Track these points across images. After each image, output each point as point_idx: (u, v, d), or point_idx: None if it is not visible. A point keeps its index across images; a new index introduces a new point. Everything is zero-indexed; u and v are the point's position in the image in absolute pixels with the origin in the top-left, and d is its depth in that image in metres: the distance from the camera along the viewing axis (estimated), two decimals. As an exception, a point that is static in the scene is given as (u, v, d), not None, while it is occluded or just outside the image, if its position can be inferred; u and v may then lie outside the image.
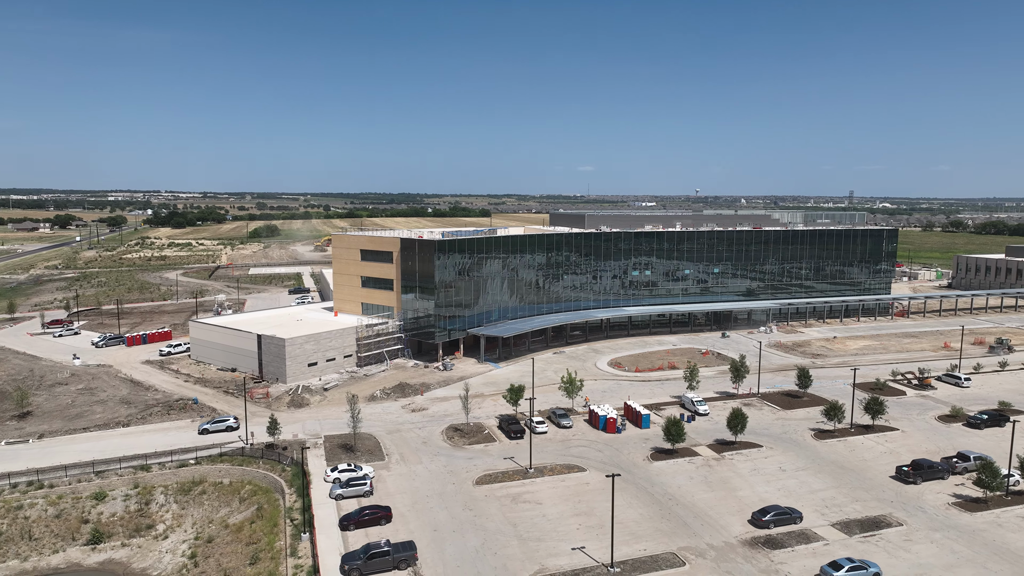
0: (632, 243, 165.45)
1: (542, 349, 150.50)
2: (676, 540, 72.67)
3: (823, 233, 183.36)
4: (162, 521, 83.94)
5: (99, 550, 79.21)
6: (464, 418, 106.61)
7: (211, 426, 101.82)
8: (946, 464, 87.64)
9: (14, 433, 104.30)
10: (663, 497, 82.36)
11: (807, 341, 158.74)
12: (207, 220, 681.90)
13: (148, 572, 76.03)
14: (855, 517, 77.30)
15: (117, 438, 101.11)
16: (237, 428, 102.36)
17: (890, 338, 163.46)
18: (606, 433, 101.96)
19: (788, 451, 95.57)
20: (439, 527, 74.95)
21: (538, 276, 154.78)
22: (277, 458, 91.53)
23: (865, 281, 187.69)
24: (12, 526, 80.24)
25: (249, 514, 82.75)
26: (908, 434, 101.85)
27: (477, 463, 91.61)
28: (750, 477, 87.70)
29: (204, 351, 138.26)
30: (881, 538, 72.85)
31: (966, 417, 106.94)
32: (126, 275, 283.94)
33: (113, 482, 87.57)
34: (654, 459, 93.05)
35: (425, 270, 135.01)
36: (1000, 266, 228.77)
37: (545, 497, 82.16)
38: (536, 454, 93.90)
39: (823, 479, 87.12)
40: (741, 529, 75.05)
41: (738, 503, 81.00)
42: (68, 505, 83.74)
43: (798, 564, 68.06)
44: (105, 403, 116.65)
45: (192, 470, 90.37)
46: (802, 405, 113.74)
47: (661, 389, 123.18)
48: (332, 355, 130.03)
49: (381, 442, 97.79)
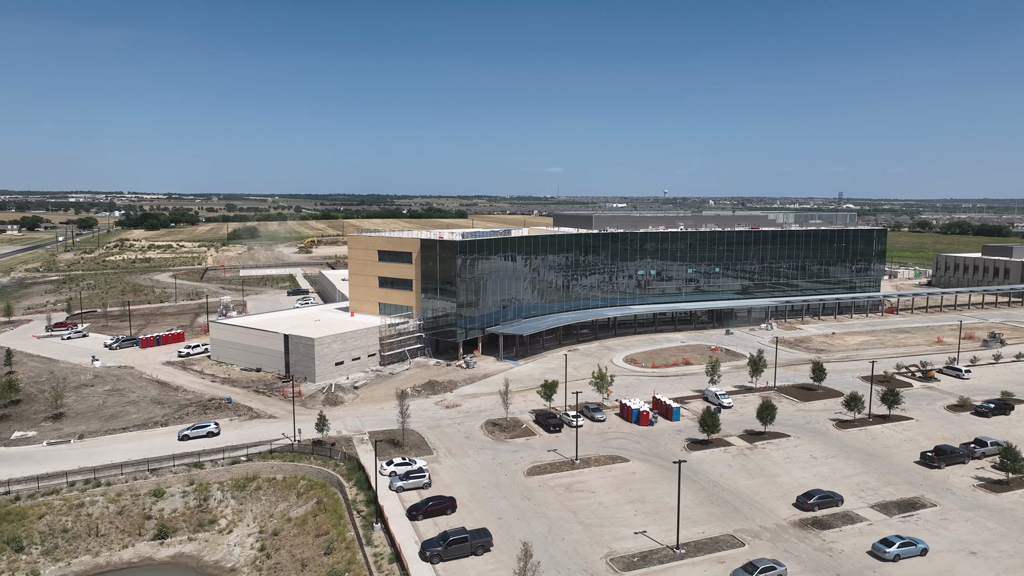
0: (643, 244, 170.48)
1: (555, 347, 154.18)
2: (730, 523, 76.84)
3: (817, 233, 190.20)
4: (223, 516, 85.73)
5: (167, 545, 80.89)
6: (499, 413, 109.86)
7: (191, 431, 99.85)
8: (966, 450, 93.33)
9: (52, 434, 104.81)
10: (708, 484, 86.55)
11: (808, 337, 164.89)
12: (180, 222, 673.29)
13: (221, 564, 78.01)
14: (891, 499, 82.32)
15: (158, 437, 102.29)
16: (218, 434, 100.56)
17: (885, 334, 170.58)
18: (639, 426, 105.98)
19: (815, 440, 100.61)
20: (503, 515, 78.10)
21: (553, 276, 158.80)
22: (328, 454, 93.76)
23: (856, 279, 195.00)
24: (77, 523, 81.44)
25: (310, 507, 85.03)
26: (922, 423, 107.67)
27: (523, 455, 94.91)
28: (785, 464, 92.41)
29: (225, 352, 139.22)
30: (919, 518, 77.91)
31: (973, 406, 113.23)
32: (113, 277, 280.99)
33: (169, 479, 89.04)
34: (691, 449, 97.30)
35: (447, 270, 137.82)
36: (978, 264, 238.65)
37: (597, 486, 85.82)
38: (571, 446, 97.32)
39: (853, 465, 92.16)
40: (788, 512, 79.55)
41: (779, 488, 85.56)
42: (128, 502, 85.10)
43: (848, 543, 72.70)
44: (137, 404, 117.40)
45: (244, 467, 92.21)
46: (818, 397, 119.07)
47: (681, 384, 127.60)
48: (357, 354, 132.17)
49: (425, 437, 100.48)
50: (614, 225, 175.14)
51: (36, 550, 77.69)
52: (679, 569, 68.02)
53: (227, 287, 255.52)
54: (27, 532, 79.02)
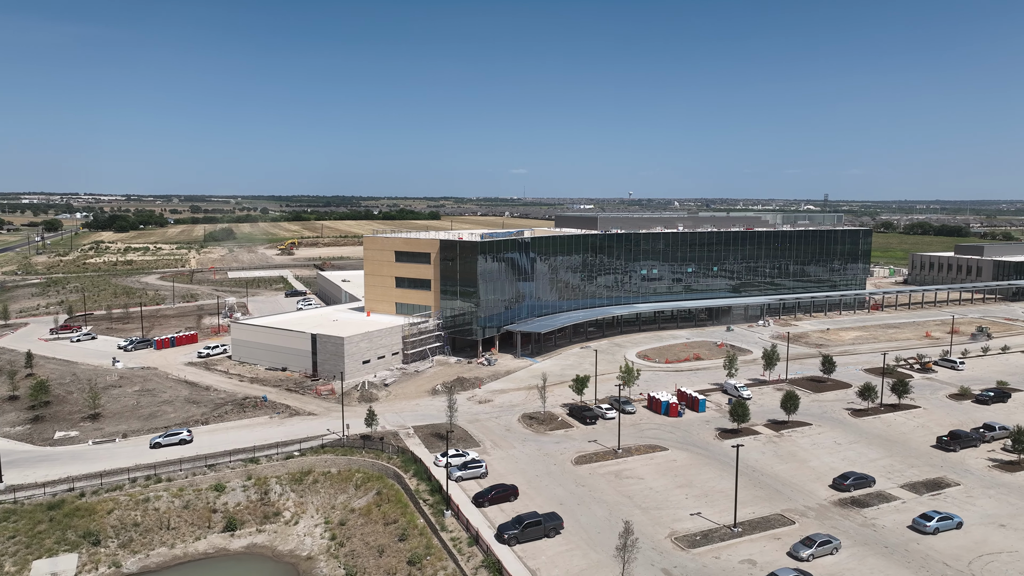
0: (653, 244, 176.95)
1: (566, 345, 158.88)
2: (775, 504, 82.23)
3: (807, 234, 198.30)
4: (286, 509, 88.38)
5: (237, 536, 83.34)
6: (532, 408, 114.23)
7: (163, 439, 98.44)
8: (977, 434, 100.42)
9: (95, 433, 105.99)
10: (746, 470, 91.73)
11: (805, 333, 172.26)
12: (149, 224, 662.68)
13: (296, 553, 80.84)
14: (917, 480, 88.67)
15: (204, 435, 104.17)
16: (191, 441, 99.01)
17: (876, 329, 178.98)
18: (668, 417, 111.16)
19: (835, 428, 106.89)
20: (563, 501, 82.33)
21: (567, 275, 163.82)
22: (380, 447, 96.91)
23: (843, 278, 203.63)
24: (146, 517, 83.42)
25: (370, 498, 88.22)
26: (929, 411, 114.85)
27: (566, 446, 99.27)
28: (813, 450, 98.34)
29: (247, 352, 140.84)
30: (947, 496, 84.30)
31: (974, 395, 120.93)
32: (99, 280, 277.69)
33: (227, 474, 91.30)
34: (722, 438, 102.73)
35: (467, 270, 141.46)
36: (951, 263, 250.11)
37: (644, 473, 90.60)
38: (610, 436, 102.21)
39: (876, 450, 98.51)
40: (826, 493, 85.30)
41: (812, 472, 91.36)
42: (192, 497, 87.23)
43: (888, 519, 78.63)
44: (171, 403, 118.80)
45: (299, 461, 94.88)
46: (829, 388, 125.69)
47: (696, 378, 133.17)
48: (382, 353, 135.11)
49: (468, 431, 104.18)
50: (618, 226, 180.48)
51: (113, 543, 79.56)
52: (740, 546, 73.08)
53: (220, 289, 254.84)
54: (100, 526, 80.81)
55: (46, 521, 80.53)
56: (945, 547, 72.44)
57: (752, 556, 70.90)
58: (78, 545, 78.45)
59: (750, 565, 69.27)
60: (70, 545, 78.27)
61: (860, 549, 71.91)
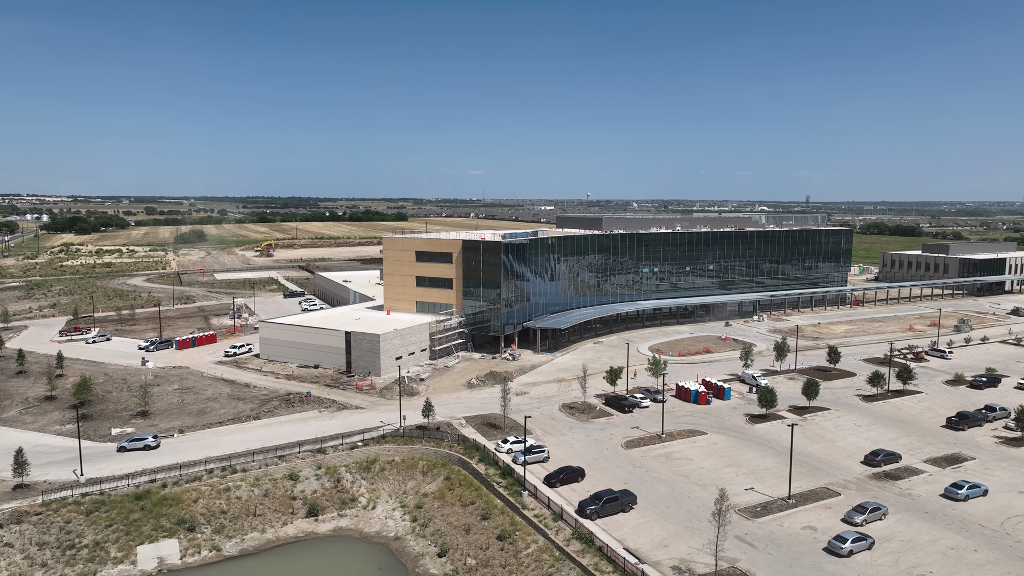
0: (663, 244, 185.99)
1: (579, 340, 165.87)
2: (817, 479, 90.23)
3: (795, 233, 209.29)
4: (360, 495, 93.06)
5: (321, 520, 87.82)
6: (567, 398, 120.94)
7: (128, 444, 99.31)
8: (982, 414, 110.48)
9: (150, 430, 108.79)
10: (781, 450, 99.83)
11: (799, 327, 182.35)
12: (110, 226, 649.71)
13: (383, 534, 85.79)
14: (937, 455, 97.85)
15: (260, 429, 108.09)
16: (156, 447, 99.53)
17: (863, 323, 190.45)
18: (698, 405, 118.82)
19: (851, 412, 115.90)
20: (626, 481, 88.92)
21: (580, 274, 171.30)
22: (440, 436, 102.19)
23: (827, 275, 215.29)
24: (231, 505, 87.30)
25: (440, 483, 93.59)
26: (931, 395, 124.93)
27: (611, 432, 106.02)
28: (837, 432, 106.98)
29: (277, 350, 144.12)
30: (967, 468, 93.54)
31: (967, 381, 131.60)
32: (84, 282, 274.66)
33: (298, 464, 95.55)
34: (753, 422, 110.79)
35: (490, 269, 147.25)
36: (920, 261, 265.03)
37: (691, 455, 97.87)
38: (651, 423, 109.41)
39: (893, 430, 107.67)
40: (860, 469, 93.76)
41: (842, 451, 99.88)
42: (269, 486, 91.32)
43: (921, 489, 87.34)
44: (216, 400, 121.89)
45: (364, 451, 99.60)
46: (836, 377, 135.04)
47: (711, 369, 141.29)
48: (412, 349, 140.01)
49: (517, 420, 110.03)
50: (620, 227, 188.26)
51: (207, 529, 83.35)
52: (798, 515, 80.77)
53: (212, 291, 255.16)
54: (190, 514, 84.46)
55: (138, 510, 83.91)
56: (977, 511, 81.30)
57: (811, 523, 78.62)
58: (174, 531, 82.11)
59: (812, 531, 76.94)
60: (167, 532, 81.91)
61: (904, 515, 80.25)
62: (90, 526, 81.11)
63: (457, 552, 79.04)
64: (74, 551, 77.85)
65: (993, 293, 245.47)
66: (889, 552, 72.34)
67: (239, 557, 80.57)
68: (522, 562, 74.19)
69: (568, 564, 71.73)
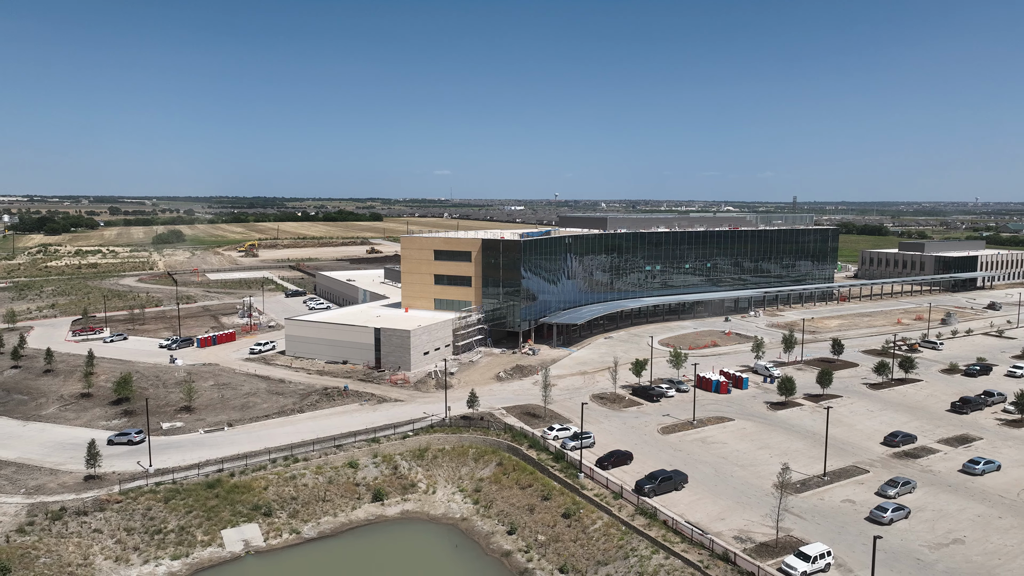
0: (661, 243, 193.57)
1: (590, 336, 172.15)
2: (844, 459, 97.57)
3: (786, 232, 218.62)
4: (419, 481, 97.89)
5: (387, 505, 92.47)
6: (595, 389, 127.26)
7: (116, 438, 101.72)
8: (982, 399, 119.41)
9: (199, 424, 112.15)
10: (805, 433, 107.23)
11: (793, 322, 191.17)
12: (79, 226, 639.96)
13: (450, 516, 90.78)
14: (948, 436, 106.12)
15: (307, 421, 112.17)
16: (140, 442, 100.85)
17: (852, 317, 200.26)
18: (719, 394, 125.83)
19: (862, 399, 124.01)
20: (670, 463, 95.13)
21: (592, 272, 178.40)
22: (488, 425, 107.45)
23: (815, 272, 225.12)
24: (300, 492, 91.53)
25: (493, 468, 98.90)
26: (931, 383, 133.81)
27: (645, 420, 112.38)
28: (852, 417, 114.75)
29: (303, 347, 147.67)
30: (976, 447, 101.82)
31: (961, 370, 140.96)
32: (76, 283, 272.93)
33: (355, 453, 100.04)
34: (774, 409, 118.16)
35: (510, 267, 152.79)
36: (897, 259, 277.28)
37: (724, 439, 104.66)
38: (679, 411, 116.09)
39: (902, 415, 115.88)
40: (881, 449, 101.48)
41: (861, 433, 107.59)
42: (332, 473, 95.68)
43: (940, 465, 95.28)
44: (256, 395, 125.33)
45: (415, 440, 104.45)
46: (841, 367, 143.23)
47: (722, 361, 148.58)
48: (438, 345, 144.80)
49: (553, 410, 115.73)
50: (624, 227, 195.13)
51: (283, 514, 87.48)
52: (834, 490, 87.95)
53: (210, 290, 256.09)
54: (263, 500, 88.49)
55: (213, 497, 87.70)
56: (994, 484, 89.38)
57: (848, 497, 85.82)
58: (252, 517, 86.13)
59: (851, 503, 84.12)
60: (245, 517, 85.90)
61: (930, 488, 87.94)
62: (171, 512, 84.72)
63: (526, 530, 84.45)
64: (162, 535, 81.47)
65: (967, 289, 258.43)
66: (924, 520, 79.77)
67: (319, 539, 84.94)
68: (591, 536, 79.95)
69: (636, 537, 77.70)
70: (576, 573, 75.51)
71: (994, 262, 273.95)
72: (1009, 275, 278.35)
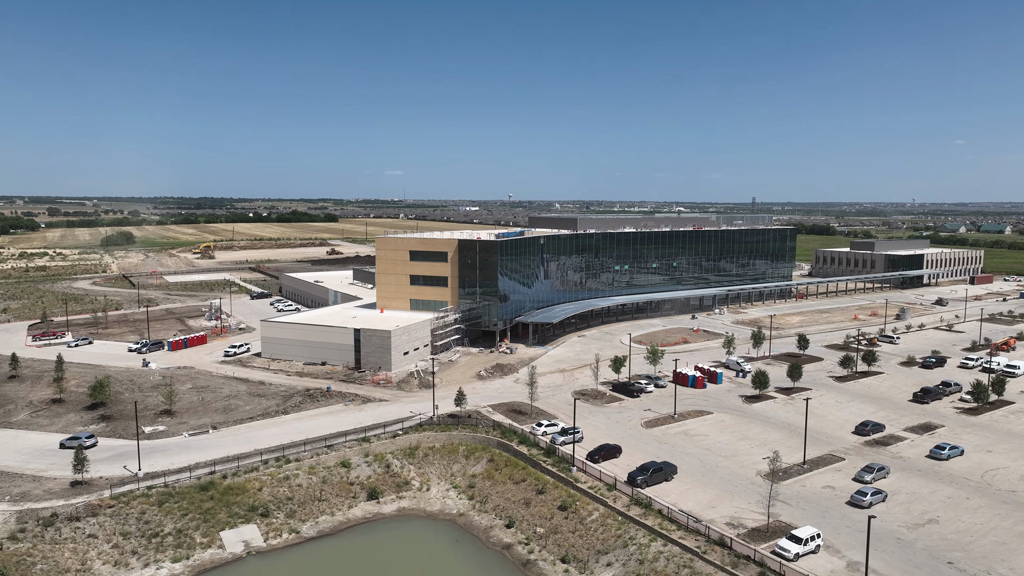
0: (631, 243, 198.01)
1: (563, 334, 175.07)
2: (820, 448, 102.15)
3: (746, 232, 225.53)
4: (412, 478, 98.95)
5: (383, 503, 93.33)
6: (576, 386, 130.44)
7: (68, 442, 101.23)
8: (940, 389, 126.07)
9: (182, 427, 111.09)
10: (781, 424, 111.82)
11: (757, 319, 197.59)
12: (18, 227, 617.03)
13: (446, 512, 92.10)
14: (912, 424, 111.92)
15: (293, 423, 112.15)
16: (91, 446, 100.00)
17: (812, 314, 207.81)
18: (695, 389, 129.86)
19: (829, 391, 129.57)
20: (657, 455, 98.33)
21: (565, 271, 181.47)
22: (474, 423, 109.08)
23: (774, 271, 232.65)
24: (295, 492, 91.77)
25: (484, 465, 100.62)
26: (891, 375, 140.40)
27: (627, 415, 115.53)
28: (823, 408, 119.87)
29: (280, 348, 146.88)
30: (939, 434, 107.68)
31: (918, 362, 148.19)
32: (27, 287, 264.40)
33: (346, 453, 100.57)
34: (749, 402, 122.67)
35: (487, 267, 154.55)
36: (848, 258, 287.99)
37: (706, 431, 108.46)
38: (660, 405, 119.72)
39: (869, 406, 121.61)
40: (853, 438, 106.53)
41: (833, 423, 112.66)
42: (325, 473, 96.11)
43: (908, 452, 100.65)
44: (237, 397, 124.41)
45: (405, 439, 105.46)
46: (806, 361, 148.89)
47: (694, 357, 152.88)
48: (417, 345, 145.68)
49: (538, 407, 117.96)
50: (593, 227, 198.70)
51: (280, 514, 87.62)
52: (814, 477, 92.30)
53: (171, 293, 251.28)
54: (259, 501, 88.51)
55: (207, 500, 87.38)
56: (959, 468, 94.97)
57: (828, 483, 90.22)
58: (249, 518, 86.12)
59: (831, 489, 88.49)
60: (242, 518, 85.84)
61: (902, 473, 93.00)
62: (166, 515, 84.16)
63: (524, 523, 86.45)
64: (159, 539, 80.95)
65: (914, 286, 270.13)
66: (900, 503, 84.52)
67: (319, 538, 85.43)
68: (589, 527, 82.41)
69: (634, 526, 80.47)
70: (578, 563, 77.87)
71: (938, 260, 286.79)
72: (952, 272, 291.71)
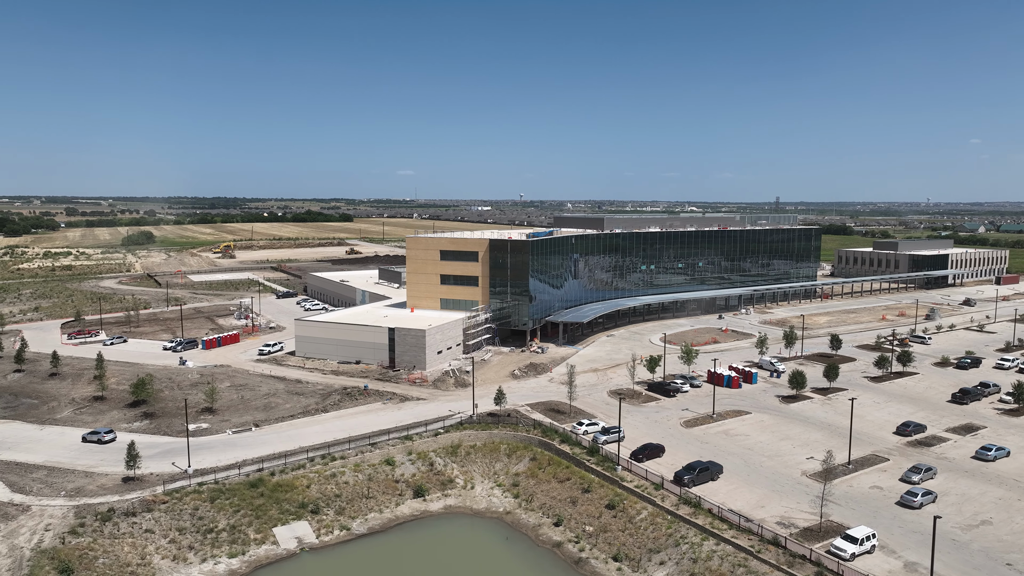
0: (659, 243, 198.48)
1: (592, 333, 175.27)
2: (862, 448, 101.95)
3: (771, 232, 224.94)
4: (456, 476, 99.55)
5: (430, 500, 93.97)
6: (611, 386, 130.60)
7: (89, 436, 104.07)
8: (979, 390, 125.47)
9: (224, 425, 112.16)
10: (820, 424, 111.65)
11: (785, 319, 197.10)
12: (39, 227, 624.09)
13: (493, 510, 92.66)
14: (954, 425, 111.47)
15: (334, 420, 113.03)
16: (114, 440, 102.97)
17: (840, 314, 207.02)
18: (731, 388, 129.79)
19: (866, 391, 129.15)
20: (699, 455, 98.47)
21: (594, 271, 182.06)
22: (515, 422, 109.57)
23: (799, 271, 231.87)
24: (343, 489, 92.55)
25: (527, 463, 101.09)
26: (927, 376, 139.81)
27: (666, 415, 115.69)
28: (861, 409, 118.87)
29: (314, 347, 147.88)
30: (982, 435, 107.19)
31: (953, 363, 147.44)
32: (54, 286, 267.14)
33: (390, 451, 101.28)
34: (786, 402, 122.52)
35: (518, 267, 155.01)
36: (871, 258, 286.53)
37: (746, 431, 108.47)
38: (697, 405, 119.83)
39: (907, 406, 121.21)
40: (895, 439, 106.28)
41: (873, 423, 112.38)
42: (371, 471, 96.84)
43: (953, 453, 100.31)
44: (276, 395, 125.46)
45: (447, 437, 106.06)
46: (840, 362, 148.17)
47: (725, 357, 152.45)
48: (450, 344, 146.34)
49: (576, 406, 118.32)
50: (620, 227, 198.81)
51: (330, 511, 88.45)
52: (861, 477, 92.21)
53: (196, 292, 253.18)
54: (308, 498, 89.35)
55: (258, 496, 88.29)
56: (1006, 469, 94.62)
57: (876, 484, 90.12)
58: (300, 514, 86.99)
59: (879, 489, 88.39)
60: (293, 515, 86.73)
61: (949, 474, 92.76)
62: (219, 511, 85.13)
63: (572, 521, 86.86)
64: (214, 534, 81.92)
65: (939, 286, 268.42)
66: (951, 503, 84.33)
67: (369, 535, 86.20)
68: (638, 526, 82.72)
69: (684, 525, 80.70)
70: (630, 561, 78.21)
71: (963, 260, 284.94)
72: (976, 272, 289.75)
